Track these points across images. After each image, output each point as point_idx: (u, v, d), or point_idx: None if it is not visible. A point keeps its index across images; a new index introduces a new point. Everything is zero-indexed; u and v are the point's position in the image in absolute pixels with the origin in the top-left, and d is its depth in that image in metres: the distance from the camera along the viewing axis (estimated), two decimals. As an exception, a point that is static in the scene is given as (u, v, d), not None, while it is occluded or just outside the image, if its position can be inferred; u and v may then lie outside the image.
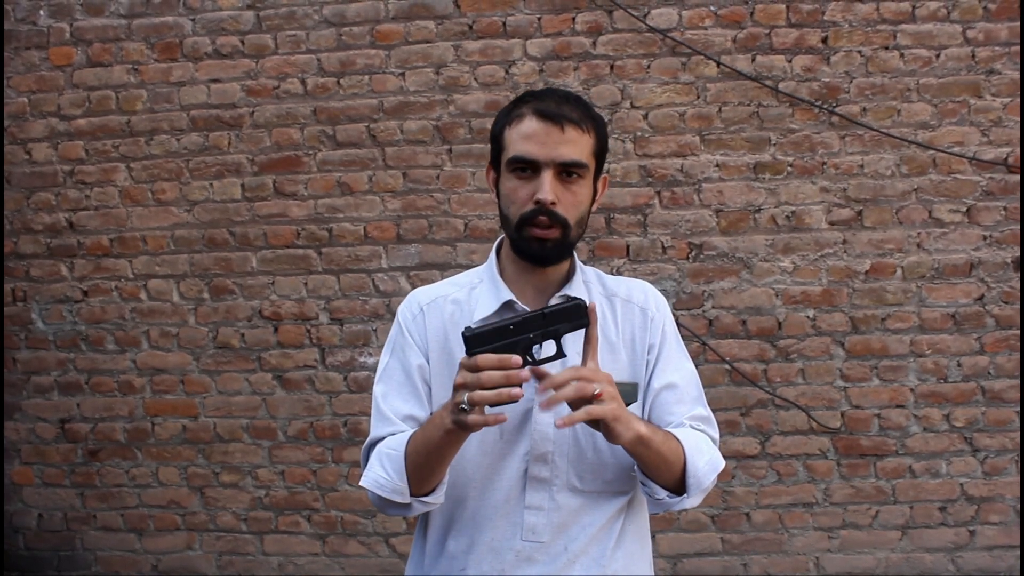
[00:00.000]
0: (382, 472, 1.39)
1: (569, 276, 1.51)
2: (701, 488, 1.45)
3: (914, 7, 3.32)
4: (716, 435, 1.55)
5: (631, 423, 1.30)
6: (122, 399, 3.58)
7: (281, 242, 3.50)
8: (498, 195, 1.47)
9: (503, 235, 1.52)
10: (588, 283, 1.54)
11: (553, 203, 1.38)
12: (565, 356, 1.36)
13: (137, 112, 3.53)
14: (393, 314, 3.39)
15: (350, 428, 3.50)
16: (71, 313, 3.58)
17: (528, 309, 1.45)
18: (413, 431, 1.39)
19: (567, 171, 1.40)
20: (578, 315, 1.32)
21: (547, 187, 1.37)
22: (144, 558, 3.60)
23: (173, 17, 3.51)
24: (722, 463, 1.50)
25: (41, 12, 3.54)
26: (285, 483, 3.53)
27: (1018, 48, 3.29)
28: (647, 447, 1.33)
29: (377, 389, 1.50)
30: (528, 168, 1.40)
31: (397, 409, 1.46)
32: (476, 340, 1.27)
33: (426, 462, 1.34)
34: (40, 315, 3.59)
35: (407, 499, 1.38)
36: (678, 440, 1.41)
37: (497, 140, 1.46)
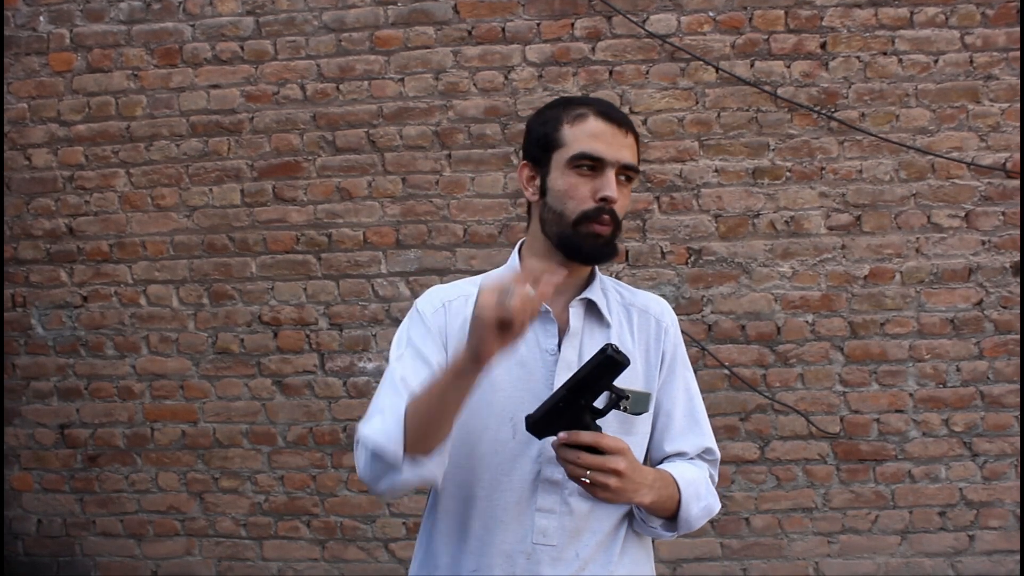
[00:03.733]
0: (379, 423, 1.33)
1: (589, 281, 1.52)
2: (690, 529, 1.50)
3: (912, 13, 3.32)
4: (717, 473, 1.59)
5: (638, 496, 1.36)
6: (122, 404, 3.58)
7: (281, 247, 3.50)
8: (543, 192, 1.47)
9: (524, 238, 1.53)
10: (606, 290, 1.55)
11: (615, 202, 1.41)
12: (627, 397, 1.36)
13: (137, 118, 3.53)
14: (393, 319, 3.43)
15: (349, 434, 3.50)
16: (71, 318, 3.58)
17: (548, 308, 1.45)
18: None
19: (625, 174, 1.44)
20: (613, 365, 1.27)
21: (614, 185, 1.41)
22: (144, 564, 3.60)
23: (173, 23, 3.51)
24: (717, 507, 1.55)
25: (41, 18, 3.55)
26: (284, 488, 3.53)
27: (1016, 53, 3.29)
28: (650, 507, 1.41)
29: (391, 369, 1.43)
30: (593, 166, 1.42)
31: (414, 389, 1.36)
32: (540, 425, 1.31)
33: (427, 410, 1.29)
34: (40, 320, 3.60)
35: (399, 454, 1.30)
36: (676, 485, 1.45)
37: (549, 139, 1.46)
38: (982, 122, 3.32)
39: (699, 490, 1.49)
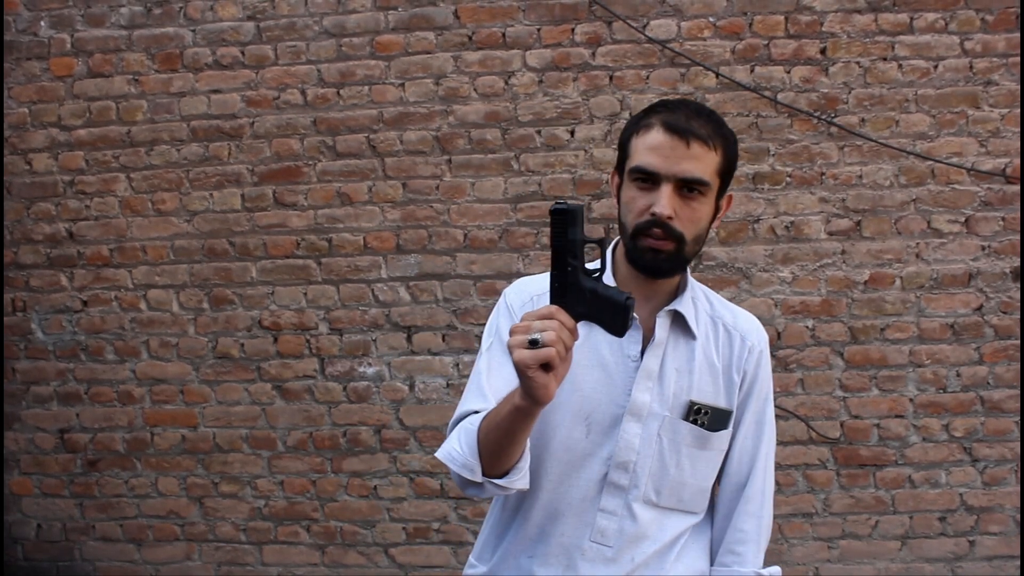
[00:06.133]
0: (456, 446, 1.36)
1: (679, 290, 1.49)
2: None
3: (912, 18, 3.33)
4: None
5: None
6: (121, 409, 3.58)
7: (281, 252, 3.50)
8: (619, 200, 1.45)
9: (618, 237, 1.50)
10: (696, 300, 1.52)
11: (670, 217, 1.36)
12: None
13: (137, 122, 3.54)
14: (393, 323, 3.44)
15: (349, 438, 3.50)
16: (71, 323, 3.58)
17: (636, 316, 1.42)
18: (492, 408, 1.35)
19: (687, 187, 1.37)
20: (562, 215, 1.21)
21: (664, 201, 1.35)
22: (143, 568, 3.59)
23: (174, 28, 3.51)
24: None
25: (42, 23, 3.55)
26: (284, 493, 3.53)
27: (1016, 59, 3.30)
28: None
29: (480, 364, 1.47)
30: (649, 180, 1.38)
31: (496, 388, 1.40)
32: (557, 303, 1.22)
33: (496, 439, 1.30)
34: (40, 325, 3.60)
35: (479, 478, 1.33)
36: None
37: (624, 147, 1.44)
38: (982, 127, 3.32)
39: None
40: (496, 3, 3.41)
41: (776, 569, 1.53)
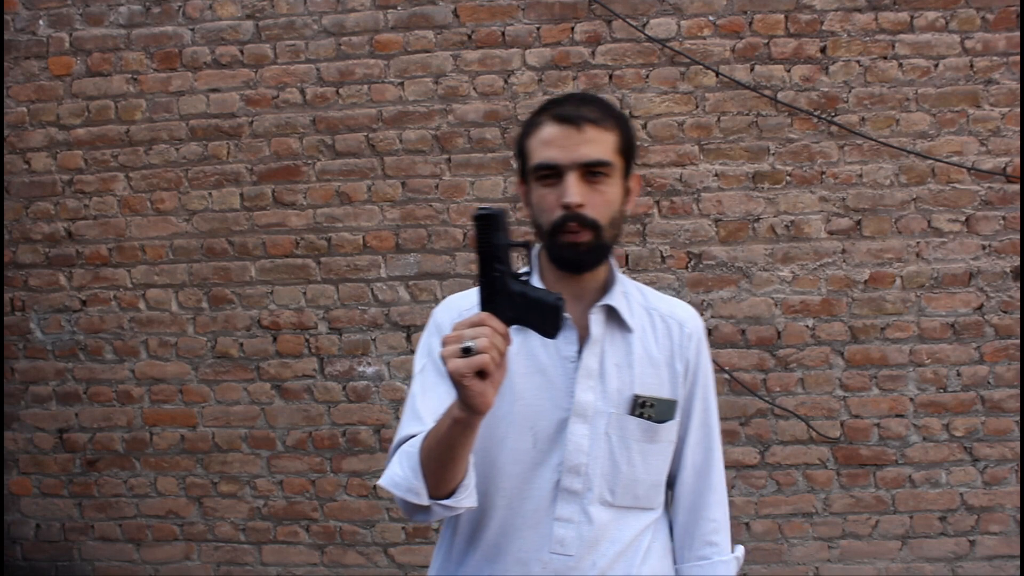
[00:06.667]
0: (399, 470, 1.32)
1: (608, 285, 1.48)
2: None
3: (912, 17, 3.32)
4: (729, 539, 1.57)
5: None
6: (120, 409, 3.57)
7: (280, 252, 3.50)
8: (530, 207, 1.44)
9: (540, 243, 1.48)
10: (628, 294, 1.50)
11: (580, 205, 1.34)
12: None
13: (136, 122, 3.53)
14: (392, 323, 3.43)
15: (349, 438, 3.49)
16: (70, 323, 3.57)
17: (568, 315, 1.41)
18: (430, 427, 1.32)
19: (591, 171, 1.36)
20: (485, 220, 1.19)
21: (572, 189, 1.34)
22: (142, 568, 3.59)
23: (172, 27, 3.51)
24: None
25: (40, 22, 3.55)
26: (284, 493, 3.53)
27: (1016, 58, 3.29)
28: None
29: (414, 387, 1.45)
30: (552, 173, 1.37)
31: (432, 409, 1.38)
32: (489, 310, 1.20)
33: (438, 456, 1.26)
34: (39, 325, 3.59)
35: (425, 500, 1.29)
36: None
37: (521, 152, 1.44)
38: (982, 126, 3.32)
39: None
40: (495, 2, 3.40)
41: (740, 548, 1.55)
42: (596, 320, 1.45)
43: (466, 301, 1.51)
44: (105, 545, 3.61)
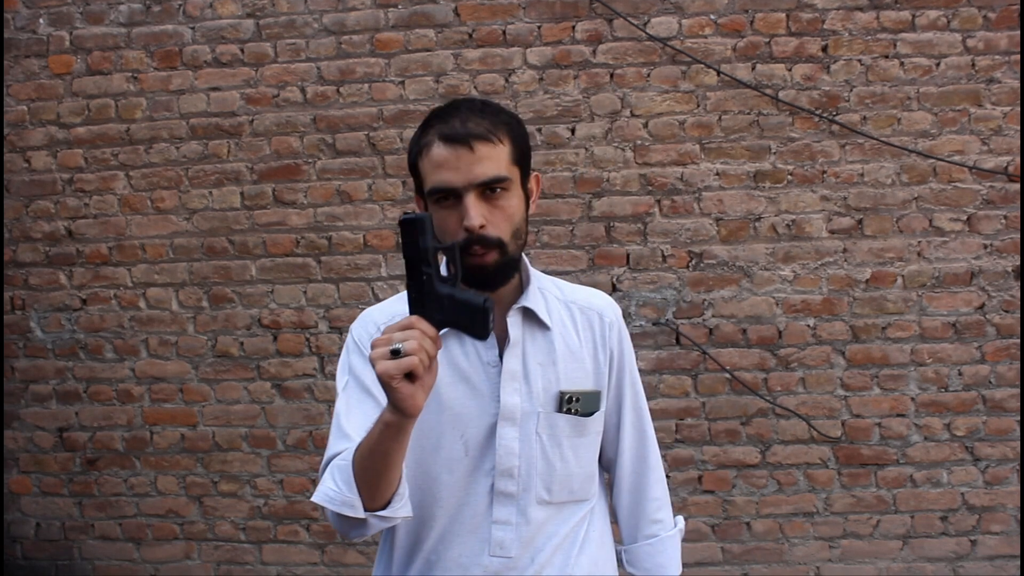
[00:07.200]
0: (332, 485, 1.30)
1: (523, 286, 1.47)
2: None
3: (914, 16, 3.32)
4: (668, 497, 1.64)
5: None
6: (121, 408, 3.57)
7: (280, 251, 3.49)
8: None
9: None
10: (544, 290, 1.51)
11: (483, 226, 1.32)
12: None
13: (136, 120, 3.53)
14: (392, 323, 3.42)
15: (349, 437, 3.48)
16: (70, 321, 3.57)
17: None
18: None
19: (489, 188, 1.34)
20: (410, 225, 1.20)
21: (472, 212, 1.32)
22: (142, 567, 3.59)
23: (173, 25, 3.50)
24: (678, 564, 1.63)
25: (41, 20, 3.54)
26: (284, 492, 3.52)
27: (1018, 57, 3.29)
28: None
29: (338, 405, 1.43)
30: (449, 195, 1.34)
31: (357, 425, 1.36)
32: (417, 314, 1.20)
33: (372, 465, 1.25)
34: (39, 324, 3.59)
35: (360, 513, 1.28)
36: None
37: (415, 171, 1.41)
38: (984, 125, 3.31)
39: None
40: (496, 0, 3.40)
41: (681, 519, 1.63)
42: (514, 322, 1.45)
43: (380, 314, 1.50)
44: (105, 544, 3.60)
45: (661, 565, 1.57)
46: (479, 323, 1.20)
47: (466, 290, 1.24)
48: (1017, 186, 3.30)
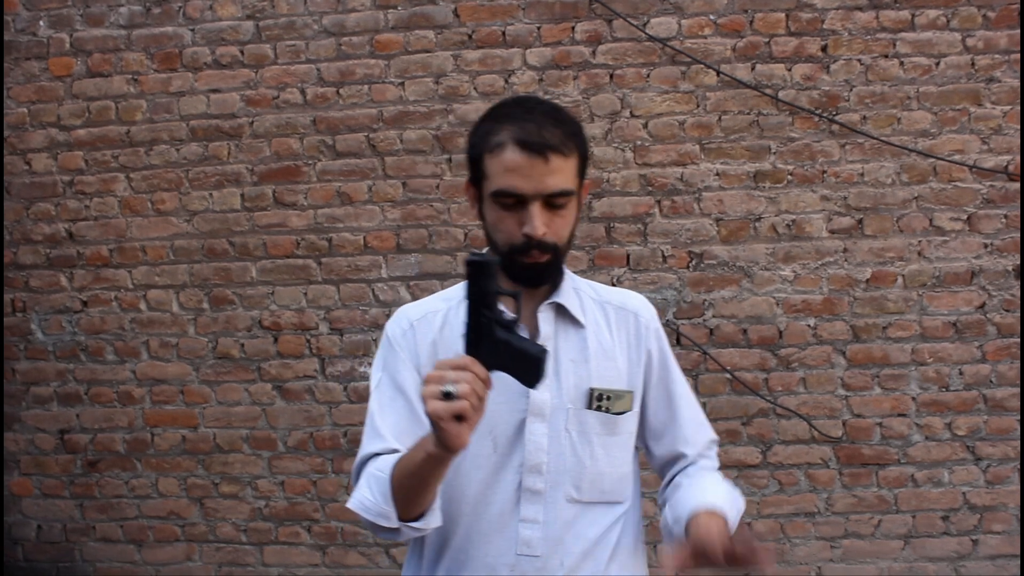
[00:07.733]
0: (368, 495, 1.32)
1: (557, 283, 1.47)
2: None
3: (914, 15, 3.32)
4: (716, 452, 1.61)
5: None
6: (121, 410, 3.57)
7: (281, 252, 3.50)
8: (481, 215, 1.44)
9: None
10: (578, 290, 1.52)
11: (544, 234, 1.35)
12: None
13: (137, 122, 3.53)
14: (393, 324, 3.42)
15: (350, 438, 3.49)
16: (70, 324, 3.57)
17: (516, 316, 1.39)
18: (402, 454, 1.33)
19: (554, 198, 1.36)
20: (478, 268, 1.20)
21: (536, 221, 1.34)
22: (144, 569, 3.59)
23: (173, 27, 3.51)
24: (742, 499, 1.55)
25: (41, 23, 3.55)
26: (285, 494, 3.52)
27: (1018, 56, 3.28)
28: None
29: (372, 404, 1.46)
30: (514, 200, 1.35)
31: (391, 424, 1.40)
32: (472, 355, 1.21)
33: (411, 485, 1.28)
34: (39, 326, 3.59)
35: (395, 523, 1.31)
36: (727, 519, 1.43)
37: (477, 164, 1.42)
38: (984, 125, 3.31)
39: (735, 503, 1.50)
40: (496, 1, 3.40)
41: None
42: (545, 318, 1.45)
43: (415, 311, 1.51)
44: (106, 546, 3.60)
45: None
46: (532, 372, 1.23)
47: (523, 338, 1.26)
48: (1017, 185, 3.30)
